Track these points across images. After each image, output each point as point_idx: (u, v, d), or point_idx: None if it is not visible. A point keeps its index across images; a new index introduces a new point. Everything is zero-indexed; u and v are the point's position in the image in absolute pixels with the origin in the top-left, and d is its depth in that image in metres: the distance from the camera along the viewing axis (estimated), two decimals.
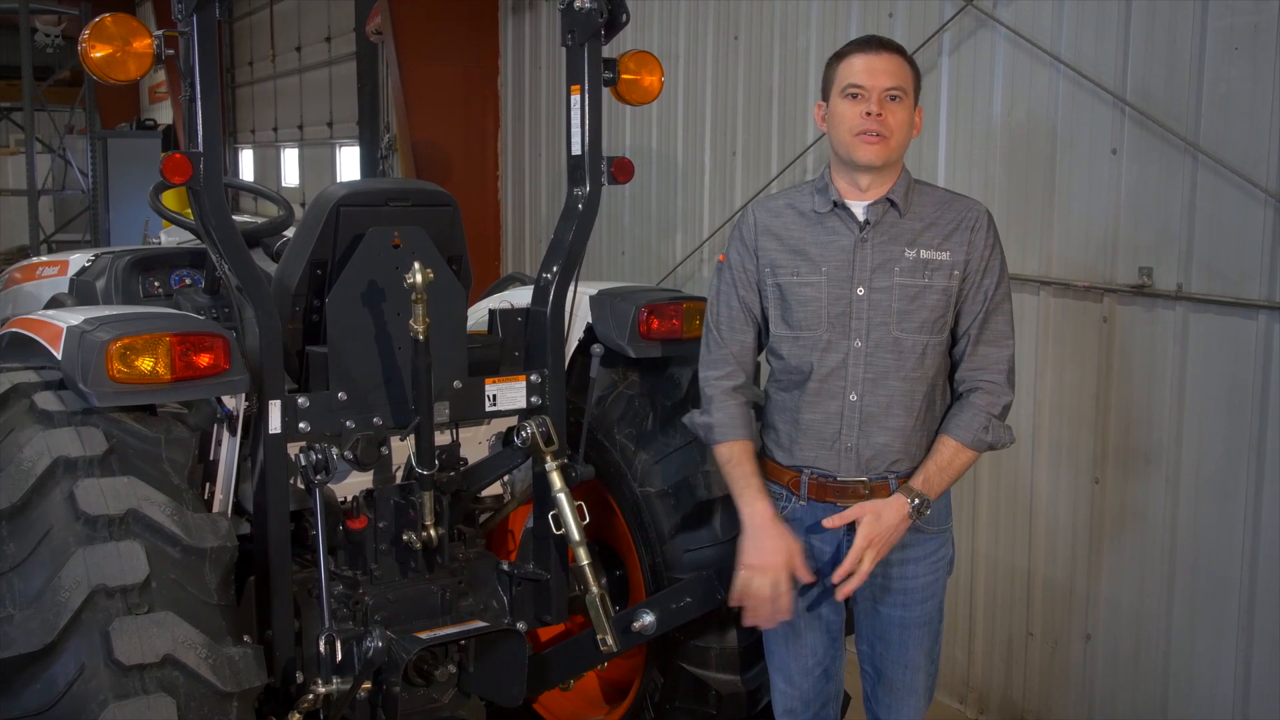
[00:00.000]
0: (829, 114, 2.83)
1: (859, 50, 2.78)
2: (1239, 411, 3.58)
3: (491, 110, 8.14)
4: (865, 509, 2.78)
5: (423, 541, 3.31)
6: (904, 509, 2.77)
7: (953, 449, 2.81)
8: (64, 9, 15.59)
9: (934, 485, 2.81)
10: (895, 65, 2.75)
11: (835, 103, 2.80)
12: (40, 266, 4.69)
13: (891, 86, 2.73)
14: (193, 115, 2.93)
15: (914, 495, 2.78)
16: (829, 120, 2.83)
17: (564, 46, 3.47)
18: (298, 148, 16.06)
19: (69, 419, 2.92)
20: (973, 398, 2.82)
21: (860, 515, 2.77)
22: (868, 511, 2.77)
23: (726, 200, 5.80)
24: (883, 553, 2.79)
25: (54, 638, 2.57)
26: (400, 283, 3.11)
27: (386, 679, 3.03)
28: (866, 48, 2.78)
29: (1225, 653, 3.66)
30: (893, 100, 2.74)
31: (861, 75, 2.74)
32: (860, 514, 2.77)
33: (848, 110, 2.76)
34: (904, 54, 2.80)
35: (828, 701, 3.07)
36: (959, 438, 2.80)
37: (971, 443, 2.80)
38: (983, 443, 2.81)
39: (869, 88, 2.73)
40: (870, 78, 2.73)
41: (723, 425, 2.91)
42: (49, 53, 16.79)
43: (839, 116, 2.78)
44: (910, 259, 2.78)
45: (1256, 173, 3.46)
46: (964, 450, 2.81)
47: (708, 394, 2.96)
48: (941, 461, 2.81)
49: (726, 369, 2.95)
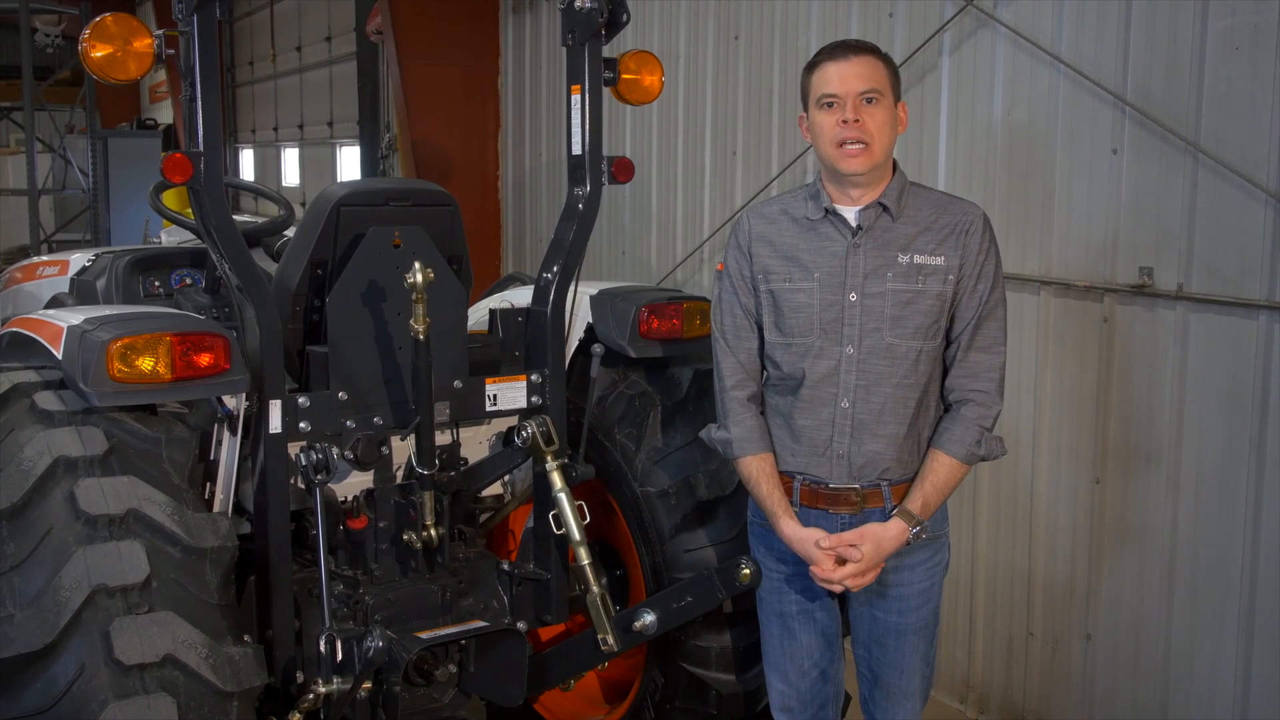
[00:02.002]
0: (810, 125, 2.81)
1: (828, 58, 2.76)
2: (1239, 411, 3.58)
3: (491, 110, 8.15)
4: (867, 536, 2.77)
5: (423, 541, 3.31)
6: (904, 536, 2.78)
7: (948, 466, 2.80)
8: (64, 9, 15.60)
9: (931, 506, 2.81)
10: (867, 67, 2.73)
11: (813, 114, 2.78)
12: (40, 266, 4.69)
13: (865, 90, 2.71)
14: (193, 115, 2.93)
15: (914, 521, 2.78)
16: (811, 131, 2.82)
17: (564, 46, 3.47)
18: (298, 147, 16.06)
19: (69, 419, 2.92)
20: (964, 410, 2.81)
21: (861, 542, 2.76)
22: (869, 540, 2.77)
23: (726, 201, 5.80)
24: (875, 575, 2.81)
25: (54, 637, 2.57)
26: (400, 282, 3.11)
27: (387, 679, 3.03)
28: (835, 54, 2.76)
29: (1225, 653, 3.66)
30: (869, 103, 2.71)
31: (834, 83, 2.72)
32: (861, 541, 2.77)
33: (825, 121, 2.74)
34: (876, 53, 2.77)
35: (826, 703, 3.07)
36: (953, 453, 2.79)
37: (965, 458, 2.80)
38: (975, 456, 2.81)
39: (842, 95, 2.71)
40: (843, 84, 2.71)
41: (741, 440, 2.91)
42: (49, 53, 16.79)
43: (818, 128, 2.77)
44: (903, 264, 2.76)
45: (1256, 173, 3.46)
46: (958, 466, 2.81)
47: (724, 407, 2.96)
48: (938, 482, 2.80)
49: (738, 378, 2.94)
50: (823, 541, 2.78)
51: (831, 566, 2.77)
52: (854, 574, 2.76)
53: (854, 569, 2.76)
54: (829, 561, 2.78)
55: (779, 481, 2.89)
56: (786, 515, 2.85)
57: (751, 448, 2.90)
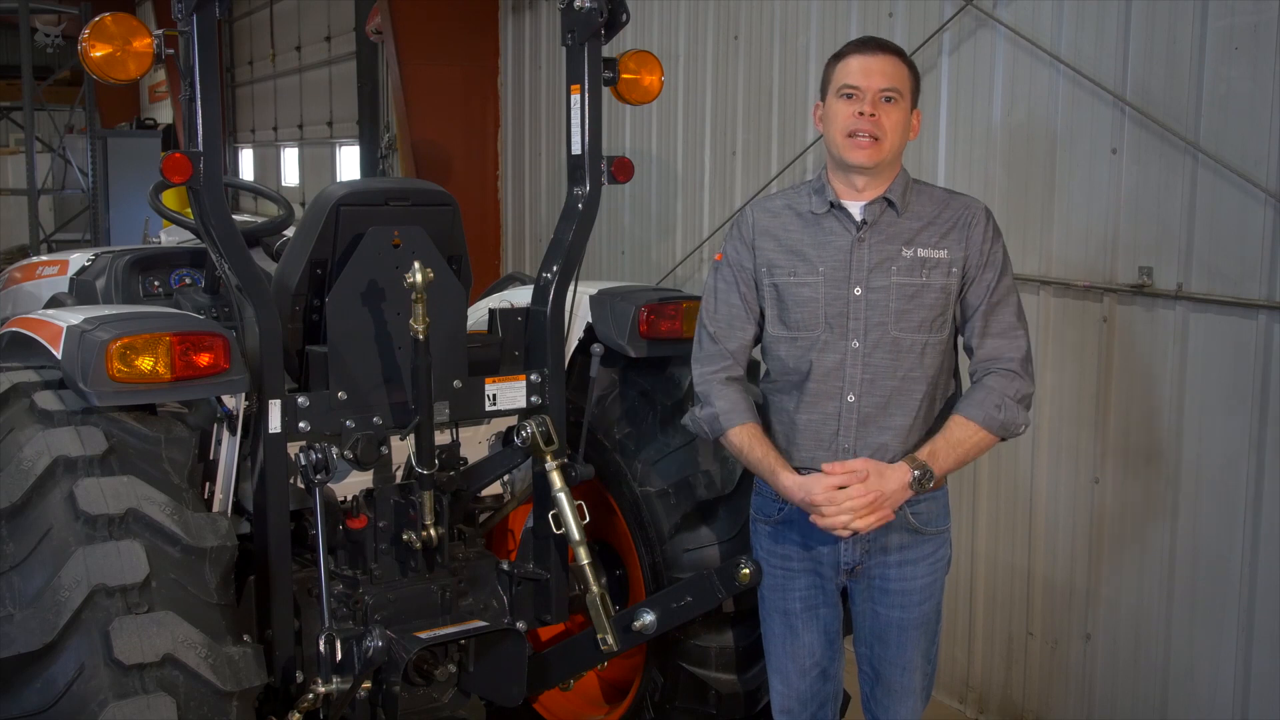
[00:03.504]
0: (825, 113, 2.83)
1: (856, 51, 2.79)
2: (1239, 411, 3.58)
3: (491, 110, 8.15)
4: (869, 463, 2.73)
5: (423, 541, 3.31)
6: (905, 477, 2.73)
7: (962, 425, 2.75)
8: (64, 9, 15.59)
9: (940, 459, 2.75)
10: (892, 67, 2.75)
11: (830, 102, 2.80)
12: (40, 266, 4.69)
13: (886, 88, 2.73)
14: (193, 115, 2.93)
15: (917, 465, 2.73)
16: (825, 120, 2.83)
17: (564, 46, 3.47)
18: (298, 147, 16.05)
19: (69, 418, 2.92)
20: (986, 379, 2.78)
21: (863, 469, 2.72)
22: (870, 467, 2.72)
23: (726, 200, 5.80)
24: (882, 518, 2.73)
25: (54, 637, 2.57)
26: (400, 282, 3.11)
27: (386, 678, 3.03)
28: (864, 49, 2.78)
29: (1225, 653, 3.66)
30: (888, 102, 2.73)
31: (857, 75, 2.74)
32: (863, 467, 2.72)
33: (842, 110, 2.76)
34: (902, 56, 2.80)
35: (825, 702, 3.07)
36: (969, 414, 2.75)
37: (983, 420, 2.74)
38: (995, 420, 2.74)
39: (864, 88, 2.73)
40: (865, 78, 2.73)
41: (726, 412, 2.89)
42: (49, 52, 16.79)
43: (833, 116, 2.78)
44: (908, 258, 2.77)
45: (1256, 173, 3.46)
46: (974, 428, 2.75)
47: (703, 390, 2.95)
48: (951, 438, 2.75)
49: (722, 364, 2.93)
50: (826, 468, 2.73)
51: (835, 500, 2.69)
52: (859, 504, 2.68)
53: (859, 499, 2.68)
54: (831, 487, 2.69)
55: (771, 445, 2.86)
56: (784, 469, 2.81)
57: (739, 418, 2.88)
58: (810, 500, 2.73)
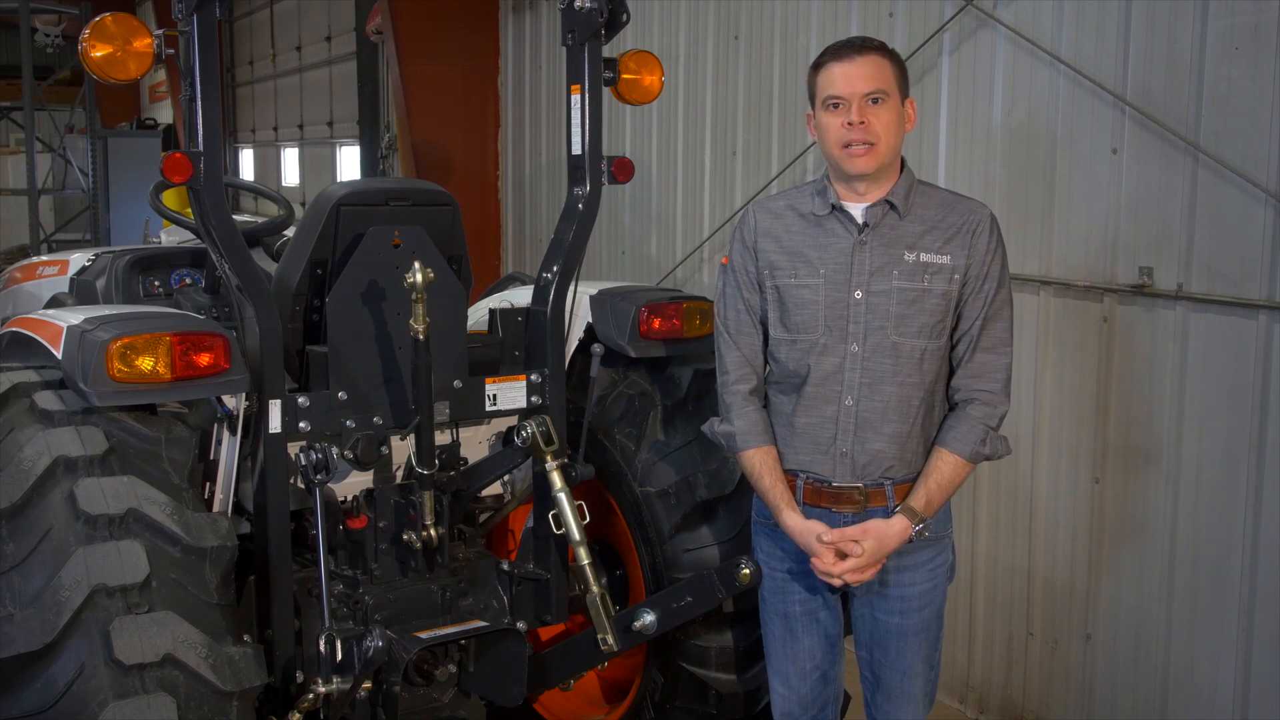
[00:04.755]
0: (816, 124, 2.81)
1: (834, 58, 2.74)
2: (1239, 411, 3.58)
3: (491, 110, 8.15)
4: (869, 532, 2.76)
5: (423, 541, 3.31)
6: (907, 533, 2.77)
7: (952, 465, 2.79)
8: (64, 9, 15.59)
9: (935, 504, 2.80)
10: (872, 67, 2.71)
11: (819, 114, 2.78)
12: (40, 266, 4.70)
13: (870, 91, 2.69)
14: (193, 115, 2.93)
15: (917, 518, 2.77)
16: (817, 131, 2.81)
17: (564, 46, 3.47)
18: (298, 147, 16.05)
19: (69, 418, 2.92)
20: (969, 409, 2.80)
21: (863, 538, 2.75)
22: (870, 535, 2.75)
23: (726, 200, 5.80)
24: (876, 570, 2.80)
25: (54, 637, 2.57)
26: (400, 282, 3.11)
27: (386, 678, 3.03)
28: (840, 55, 2.74)
29: (1225, 653, 3.66)
30: (875, 104, 2.70)
31: (839, 84, 2.71)
32: (863, 536, 2.75)
33: (831, 122, 2.73)
34: (882, 50, 2.75)
35: (826, 704, 3.07)
36: (957, 451, 2.78)
37: (970, 456, 2.79)
38: (980, 455, 2.80)
39: (847, 96, 2.70)
40: (848, 85, 2.70)
41: (744, 433, 2.90)
42: (49, 53, 16.79)
43: (824, 129, 2.76)
44: (910, 262, 2.75)
45: (1256, 173, 3.46)
46: (962, 464, 2.79)
47: (725, 400, 2.95)
48: (942, 480, 2.79)
49: (740, 372, 2.93)
50: (824, 535, 2.77)
51: (832, 560, 2.76)
52: (854, 569, 2.75)
53: (854, 563, 2.74)
54: (829, 554, 2.77)
55: (782, 475, 2.88)
56: (789, 508, 2.84)
57: (755, 441, 2.89)
58: (809, 548, 2.81)
